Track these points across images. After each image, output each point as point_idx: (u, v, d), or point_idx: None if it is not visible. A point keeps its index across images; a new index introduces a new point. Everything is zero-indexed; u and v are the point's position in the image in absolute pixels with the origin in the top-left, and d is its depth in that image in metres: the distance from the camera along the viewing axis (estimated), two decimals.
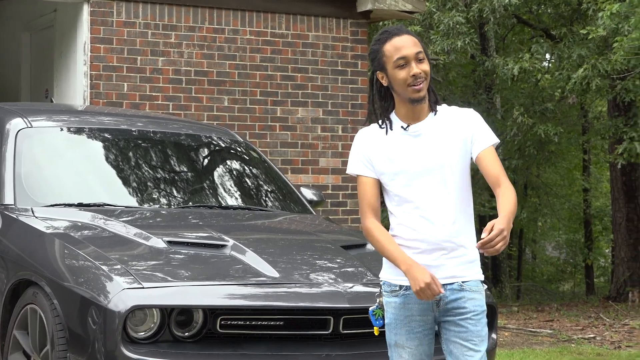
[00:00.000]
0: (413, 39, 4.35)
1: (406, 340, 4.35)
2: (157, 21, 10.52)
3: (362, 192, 4.46)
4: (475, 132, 4.35)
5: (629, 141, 17.22)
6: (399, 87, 4.31)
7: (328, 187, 11.08)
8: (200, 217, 6.64)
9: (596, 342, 12.51)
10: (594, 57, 17.00)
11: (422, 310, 4.33)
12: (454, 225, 4.32)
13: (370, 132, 4.45)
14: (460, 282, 4.32)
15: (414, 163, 4.33)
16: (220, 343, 5.20)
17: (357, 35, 11.43)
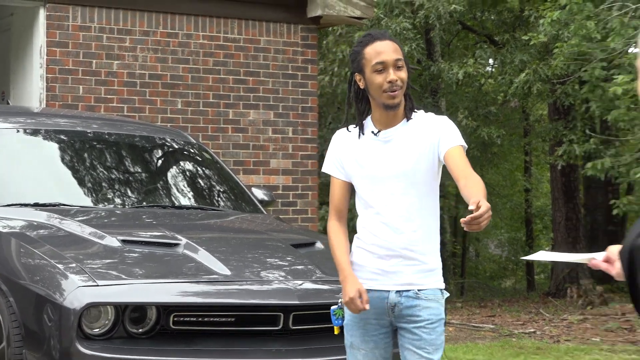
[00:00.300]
0: (395, 45, 4.29)
1: (361, 342, 4.34)
2: (112, 25, 10.47)
3: (331, 192, 4.46)
4: (442, 134, 4.25)
5: (569, 143, 17.36)
6: (374, 91, 4.25)
7: (279, 187, 11.07)
8: (154, 217, 6.62)
9: (536, 337, 12.60)
10: (535, 62, 17.13)
11: (378, 314, 4.29)
12: (414, 234, 4.26)
13: (347, 135, 4.40)
14: (416, 290, 4.26)
15: (380, 169, 4.28)
16: (173, 339, 5.20)
17: (308, 40, 11.43)
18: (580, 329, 13.14)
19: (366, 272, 4.29)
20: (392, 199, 4.27)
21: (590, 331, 12.86)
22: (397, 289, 4.25)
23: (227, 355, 5.21)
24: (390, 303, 4.25)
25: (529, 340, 12.22)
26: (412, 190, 4.27)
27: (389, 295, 4.25)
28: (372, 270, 4.28)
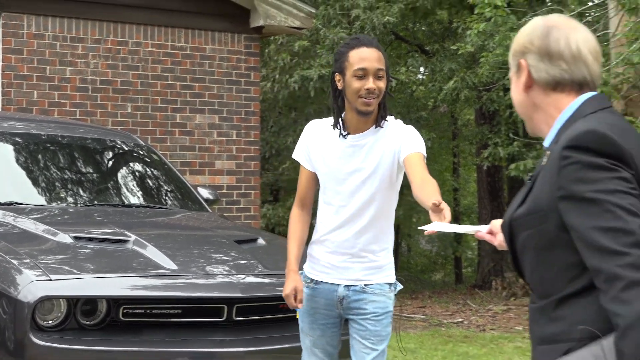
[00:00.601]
0: (380, 55, 4.18)
1: (309, 329, 4.36)
2: (65, 34, 10.38)
3: (299, 180, 4.43)
4: (405, 140, 4.19)
5: (494, 146, 17.50)
6: (350, 95, 4.16)
7: (223, 187, 11.05)
8: (104, 215, 6.57)
9: (464, 326, 12.68)
10: (463, 70, 17.25)
11: (327, 305, 4.31)
12: (365, 235, 4.26)
13: (319, 127, 4.35)
14: (362, 285, 4.27)
15: (343, 170, 4.25)
16: (123, 330, 5.17)
17: (251, 49, 11.41)
18: (504, 318, 13.25)
19: (319, 265, 4.31)
20: (350, 199, 4.25)
21: (513, 320, 12.97)
22: (345, 283, 4.26)
23: (174, 345, 5.19)
24: (339, 296, 4.26)
25: (457, 329, 12.30)
26: (370, 193, 4.24)
27: (338, 289, 4.26)
28: (324, 264, 4.30)
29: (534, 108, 2.52)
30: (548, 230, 2.32)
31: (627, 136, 2.30)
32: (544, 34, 2.48)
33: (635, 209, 2.16)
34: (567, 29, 2.49)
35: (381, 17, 17.24)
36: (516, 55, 2.54)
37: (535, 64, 2.48)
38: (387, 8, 17.49)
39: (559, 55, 2.46)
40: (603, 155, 2.21)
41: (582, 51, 2.46)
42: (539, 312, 2.40)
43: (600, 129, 2.26)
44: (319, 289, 4.31)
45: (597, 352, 2.20)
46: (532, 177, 2.49)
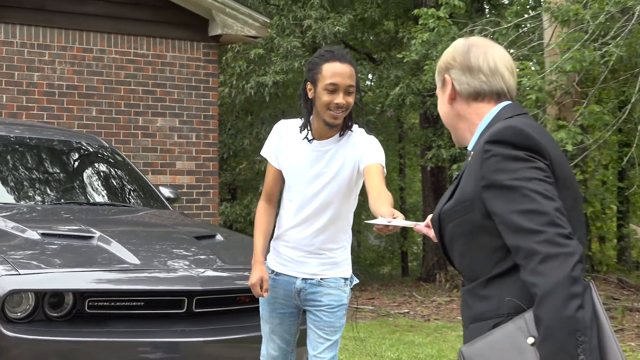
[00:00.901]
0: (352, 70, 4.13)
1: (269, 317, 4.38)
2: (33, 41, 10.29)
3: (266, 175, 4.41)
4: (366, 151, 4.17)
5: (437, 148, 17.59)
6: (320, 106, 4.10)
7: (183, 186, 11.00)
8: (70, 212, 6.52)
9: (410, 316, 12.73)
10: (408, 77, 17.32)
11: (286, 295, 4.34)
12: (322, 235, 4.27)
13: (288, 128, 4.30)
14: (319, 278, 4.28)
15: (306, 173, 4.24)
16: (88, 321, 5.13)
17: (209, 56, 11.38)
18: (447, 309, 13.31)
19: (280, 257, 4.33)
20: (310, 201, 4.25)
21: (456, 311, 13.04)
22: (303, 276, 4.28)
23: (138, 336, 5.15)
24: (296, 288, 4.28)
25: (404, 319, 12.34)
26: (330, 197, 4.24)
27: (296, 281, 4.28)
28: (284, 257, 4.31)
29: (458, 118, 2.64)
30: (474, 219, 2.44)
31: (540, 133, 2.43)
32: (465, 51, 2.63)
33: (549, 193, 2.30)
34: (485, 47, 2.65)
35: (332, 27, 17.26)
36: (441, 72, 2.69)
37: (458, 77, 2.62)
38: (337, 19, 17.51)
39: (478, 69, 2.60)
40: (521, 148, 2.35)
41: (499, 66, 2.61)
42: (469, 294, 2.51)
43: (518, 125, 2.40)
44: (278, 280, 4.32)
45: (521, 324, 2.30)
46: (458, 175, 2.59)
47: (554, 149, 2.44)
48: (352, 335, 10.16)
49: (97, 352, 5.03)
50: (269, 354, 4.41)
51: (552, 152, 2.42)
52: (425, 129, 19.24)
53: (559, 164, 2.42)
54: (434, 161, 17.74)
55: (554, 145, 2.46)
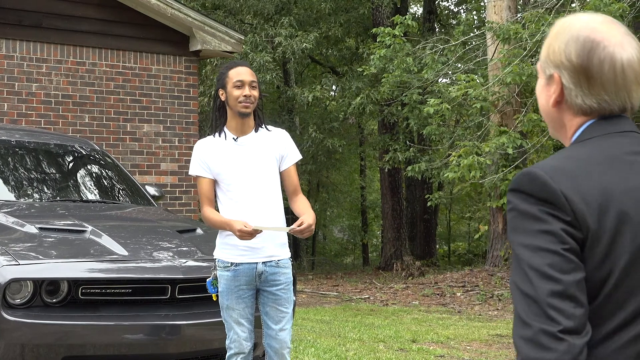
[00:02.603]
0: (251, 71, 4.48)
1: (236, 304, 4.39)
2: (32, 55, 10.21)
3: (200, 188, 4.50)
4: (285, 151, 4.48)
5: (393, 152, 17.65)
6: (232, 102, 4.38)
7: (167, 185, 10.96)
8: (65, 209, 6.47)
9: (370, 301, 12.76)
10: (368, 88, 17.36)
11: (248, 281, 4.39)
12: (268, 216, 4.37)
13: (207, 142, 4.48)
14: (276, 260, 4.39)
15: (240, 166, 4.38)
16: (82, 307, 5.11)
17: (190, 69, 11.34)
18: (403, 294, 13.36)
19: (237, 249, 4.35)
20: (250, 190, 4.38)
21: (411, 296, 13.09)
22: (262, 260, 4.35)
23: (126, 319, 5.14)
24: (258, 271, 4.34)
25: (365, 304, 12.37)
26: (264, 182, 4.41)
27: (257, 266, 4.34)
28: (243, 248, 4.34)
29: (560, 125, 1.85)
30: None
31: (584, 174, 1.70)
32: (586, 50, 1.75)
33: (551, 271, 1.62)
34: (613, 45, 1.75)
35: (300, 43, 17.28)
36: (548, 65, 1.82)
37: (570, 85, 1.77)
38: (304, 36, 17.52)
39: (601, 84, 1.75)
40: (536, 200, 1.66)
41: (628, 77, 1.75)
42: None
43: (536, 170, 1.70)
44: (239, 270, 4.36)
45: None
46: None
47: (594, 196, 1.67)
48: (318, 318, 10.17)
49: (90, 334, 5.01)
50: (239, 337, 4.40)
51: (587, 200, 1.66)
52: (383, 135, 19.29)
53: (601, 215, 1.66)
54: (390, 163, 17.80)
55: (601, 191, 1.68)
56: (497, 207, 14.04)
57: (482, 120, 13.99)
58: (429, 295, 12.98)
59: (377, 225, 29.91)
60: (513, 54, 12.75)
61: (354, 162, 27.76)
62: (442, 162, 14.78)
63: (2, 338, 4.86)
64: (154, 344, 5.15)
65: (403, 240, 19.81)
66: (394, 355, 7.41)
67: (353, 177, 29.05)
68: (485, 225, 16.03)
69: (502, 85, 13.06)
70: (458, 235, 31.78)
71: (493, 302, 11.96)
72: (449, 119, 15.41)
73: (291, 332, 4.51)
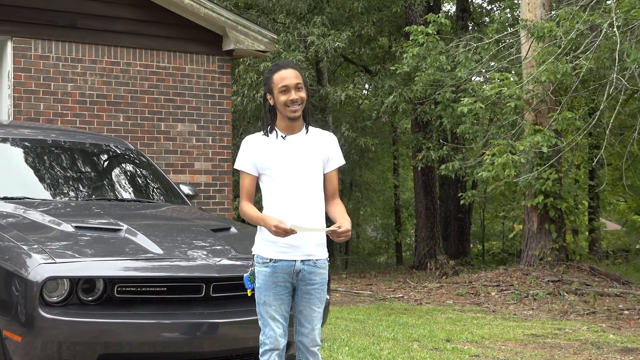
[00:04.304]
0: (296, 72, 4.44)
1: (273, 300, 4.41)
2: (67, 55, 10.30)
3: (242, 183, 4.53)
4: (331, 154, 4.52)
5: (427, 150, 17.60)
6: (280, 107, 4.40)
7: (201, 184, 11.01)
8: (101, 208, 6.52)
9: (404, 300, 12.73)
10: (401, 87, 17.32)
11: (285, 279, 4.42)
12: (310, 213, 4.40)
13: (256, 138, 4.50)
14: (314, 259, 4.43)
15: (287, 163, 4.41)
16: (117, 305, 5.13)
17: (223, 68, 11.39)
18: (437, 294, 13.31)
19: (277, 246, 4.38)
20: (296, 187, 4.40)
21: (445, 295, 13.04)
22: (301, 259, 4.40)
23: (161, 318, 5.16)
24: (295, 270, 4.37)
25: (398, 303, 12.34)
26: (309, 181, 4.43)
27: (295, 264, 4.38)
28: (282, 245, 4.36)
29: None
30: None
31: None
32: None
33: None
34: None
35: (332, 42, 17.27)
36: None
37: None
38: (337, 35, 17.52)
39: None
40: None
41: None
42: None
43: None
44: (278, 266, 4.38)
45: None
46: None
47: None
48: (352, 317, 10.17)
49: (126, 332, 5.04)
50: (274, 334, 4.41)
51: None
52: (416, 133, 19.24)
53: None
54: (424, 162, 17.76)
55: None
56: (531, 206, 13.95)
57: (516, 119, 13.91)
58: (463, 295, 12.93)
59: (410, 224, 29.84)
60: (547, 52, 12.66)
61: (387, 160, 27.72)
62: (475, 161, 14.71)
63: (40, 336, 4.90)
64: (189, 343, 5.17)
65: (437, 239, 19.75)
66: (428, 354, 7.40)
67: (386, 175, 28.99)
68: (519, 224, 15.94)
69: (536, 83, 12.97)
70: (492, 234, 31.63)
71: (528, 302, 11.89)
72: (482, 117, 15.33)
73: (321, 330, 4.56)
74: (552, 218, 13.93)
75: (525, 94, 13.38)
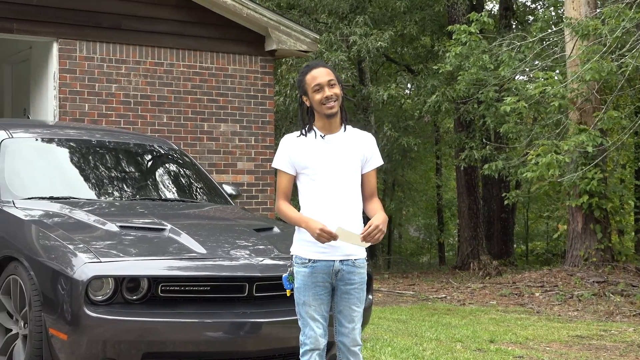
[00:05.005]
0: (327, 70, 4.46)
1: (312, 301, 4.40)
2: (111, 56, 10.40)
3: (279, 182, 4.53)
4: (369, 155, 4.50)
5: (469, 150, 17.50)
6: (316, 106, 4.41)
7: (244, 184, 11.05)
8: (145, 207, 6.57)
9: (446, 301, 12.67)
10: (443, 87, 17.24)
11: (324, 279, 4.41)
12: (347, 213, 4.39)
13: (294, 137, 4.50)
14: (353, 259, 4.41)
15: (326, 163, 4.41)
16: (161, 304, 5.17)
17: (266, 69, 11.43)
18: (480, 294, 13.23)
19: (316, 246, 4.36)
20: (334, 187, 4.40)
21: (488, 296, 12.96)
22: (340, 259, 4.37)
23: (205, 317, 5.19)
24: (335, 270, 4.35)
25: (441, 303, 12.29)
26: (347, 181, 4.42)
27: (334, 264, 4.36)
28: (321, 245, 4.34)
29: None
30: None
31: None
32: None
33: None
34: None
35: (375, 42, 17.24)
36: None
37: None
38: (379, 35, 17.49)
39: None
40: None
41: None
42: None
43: None
44: (317, 266, 4.37)
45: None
46: None
47: None
48: (394, 317, 10.15)
49: (170, 331, 5.07)
50: (315, 334, 4.41)
51: None
52: (459, 133, 19.14)
53: None
54: (467, 161, 17.66)
55: None
56: (576, 206, 13.81)
57: (561, 118, 13.78)
58: (506, 295, 12.83)
59: (453, 224, 29.68)
60: (592, 51, 12.53)
61: (429, 160, 27.59)
62: (519, 161, 14.60)
63: (85, 334, 4.96)
64: (232, 342, 5.20)
65: (480, 240, 19.63)
66: (472, 355, 7.35)
67: (429, 175, 28.87)
68: (564, 224, 15.79)
69: (580, 82, 12.84)
70: (536, 234, 31.36)
71: (573, 303, 11.77)
72: (526, 116, 15.20)
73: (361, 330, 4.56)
74: (597, 218, 13.78)
75: (570, 93, 13.25)
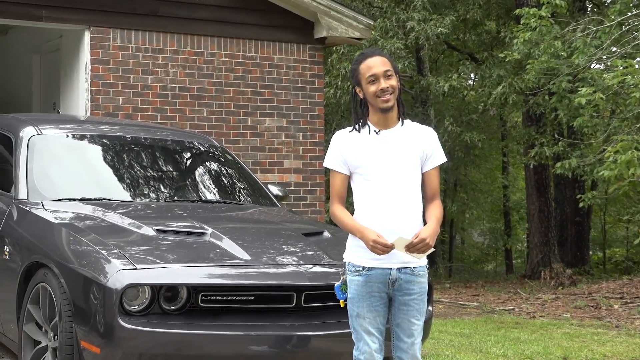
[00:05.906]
0: (383, 59, 4.43)
1: (367, 312, 4.38)
2: (147, 45, 10.48)
3: (333, 183, 4.52)
4: (431, 151, 4.47)
5: (540, 146, 17.35)
6: (370, 98, 4.39)
7: (291, 184, 11.08)
8: (184, 210, 6.61)
9: (515, 313, 12.57)
10: (511, 76, 17.11)
11: (380, 288, 4.38)
12: (406, 217, 4.35)
13: (347, 134, 4.50)
14: (411, 267, 4.38)
15: (381, 161, 4.38)
16: (201, 315, 5.19)
17: (315, 58, 11.43)
18: (552, 306, 13.11)
19: (371, 253, 4.32)
20: (390, 187, 4.37)
21: (561, 308, 12.83)
22: (397, 266, 4.34)
23: (249, 329, 5.20)
24: (392, 278, 4.33)
25: (509, 316, 12.19)
26: (405, 180, 4.39)
27: (391, 272, 4.33)
28: None
29: None
30: None
31: None
32: None
33: None
34: None
35: (434, 28, 17.18)
36: None
37: None
38: (439, 20, 17.42)
39: None
40: None
41: None
42: None
43: None
44: (372, 275, 4.35)
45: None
46: None
47: None
48: (457, 331, 10.09)
49: (210, 345, 5.09)
50: (370, 349, 4.39)
51: None
52: (528, 128, 18.99)
53: None
54: (537, 159, 17.51)
55: None
56: None
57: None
58: (581, 308, 12.69)
59: (522, 229, 29.44)
60: None
61: (495, 158, 27.40)
62: (595, 158, 14.43)
63: (119, 347, 4.99)
64: (279, 357, 5.20)
65: (552, 246, 19.45)
66: None
67: (494, 174, 28.68)
68: None
69: None
70: (614, 240, 30.98)
71: None
72: (603, 109, 15.02)
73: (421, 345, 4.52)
74: None
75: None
